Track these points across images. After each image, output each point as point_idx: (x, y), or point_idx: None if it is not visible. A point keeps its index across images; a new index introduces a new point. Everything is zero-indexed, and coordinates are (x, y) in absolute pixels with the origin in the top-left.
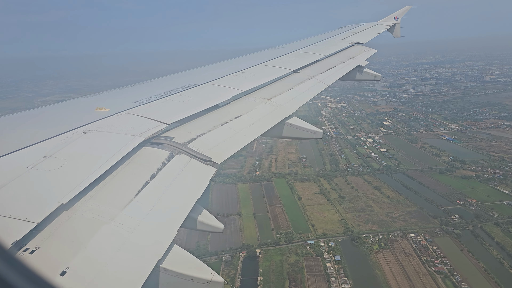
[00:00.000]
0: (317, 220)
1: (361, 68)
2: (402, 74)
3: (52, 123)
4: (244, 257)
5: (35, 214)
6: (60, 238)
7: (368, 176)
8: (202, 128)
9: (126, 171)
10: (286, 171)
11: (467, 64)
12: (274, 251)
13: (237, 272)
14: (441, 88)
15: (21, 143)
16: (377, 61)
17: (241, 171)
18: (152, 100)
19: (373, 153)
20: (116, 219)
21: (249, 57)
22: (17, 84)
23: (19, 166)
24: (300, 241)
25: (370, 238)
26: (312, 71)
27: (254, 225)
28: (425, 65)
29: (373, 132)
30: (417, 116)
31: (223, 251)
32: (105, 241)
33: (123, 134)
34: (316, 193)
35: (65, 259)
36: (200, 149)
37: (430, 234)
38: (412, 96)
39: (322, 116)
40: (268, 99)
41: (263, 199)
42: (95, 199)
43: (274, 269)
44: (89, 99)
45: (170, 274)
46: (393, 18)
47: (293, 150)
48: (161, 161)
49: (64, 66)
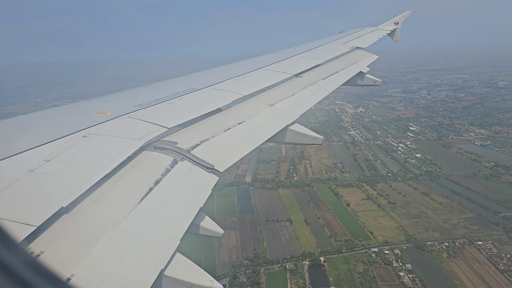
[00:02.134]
0: (373, 227)
1: (362, 74)
2: (412, 80)
3: (52, 126)
4: (309, 266)
5: (35, 217)
6: (65, 243)
7: (412, 182)
8: (205, 133)
9: (130, 176)
10: (324, 176)
11: (475, 71)
12: (338, 259)
13: (306, 281)
14: (456, 94)
15: (22, 146)
16: (381, 67)
17: (277, 176)
18: (153, 104)
19: (409, 158)
20: (120, 225)
21: (250, 62)
22: (22, 89)
23: (19, 169)
24: (362, 248)
25: (436, 246)
26: (313, 76)
27: (308, 232)
28: (432, 71)
29: (402, 138)
30: (442, 121)
31: (285, 259)
32: (110, 248)
33: (123, 138)
34: (363, 199)
35: (70, 265)
36: (203, 156)
37: (498, 242)
38: (430, 102)
39: (344, 121)
40: (271, 105)
41: (309, 205)
42: (99, 203)
43: (344, 279)
44: (89, 102)
45: (170, 281)
46: (393, 23)
47: (325, 155)
48: (164, 167)
49: (67, 72)
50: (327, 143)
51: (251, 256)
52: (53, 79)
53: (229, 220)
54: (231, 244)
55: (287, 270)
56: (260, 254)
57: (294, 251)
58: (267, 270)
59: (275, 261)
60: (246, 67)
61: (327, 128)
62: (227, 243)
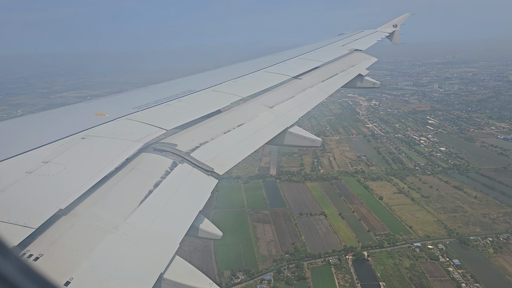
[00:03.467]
0: (411, 221)
1: (361, 76)
2: (421, 74)
3: (51, 128)
4: (353, 261)
5: (33, 219)
6: (64, 246)
7: (441, 175)
8: (204, 135)
9: (130, 178)
10: (350, 169)
11: (482, 64)
12: (381, 254)
13: (353, 276)
14: (468, 87)
15: (20, 148)
16: (386, 60)
17: (303, 169)
18: (152, 106)
19: (434, 151)
20: (120, 228)
21: (249, 64)
22: (25, 80)
23: (17, 171)
24: (404, 243)
25: (480, 240)
26: (313, 78)
27: (345, 226)
28: (439, 65)
29: (422, 131)
30: (459, 115)
31: (326, 254)
32: (109, 251)
33: (122, 140)
34: (395, 192)
35: (70, 268)
36: (202, 158)
37: None
38: (443, 95)
39: (360, 114)
40: (271, 107)
41: (341, 199)
42: (98, 205)
43: (392, 274)
44: (88, 104)
45: (169, 284)
46: (392, 26)
47: (346, 148)
48: (164, 169)
49: (68, 64)
50: (347, 136)
51: (291, 250)
52: (55, 71)
53: (261, 214)
54: (268, 237)
55: (331, 264)
56: (300, 248)
57: (334, 245)
58: (310, 265)
59: (317, 255)
60: (245, 69)
61: (343, 121)
62: (264, 236)
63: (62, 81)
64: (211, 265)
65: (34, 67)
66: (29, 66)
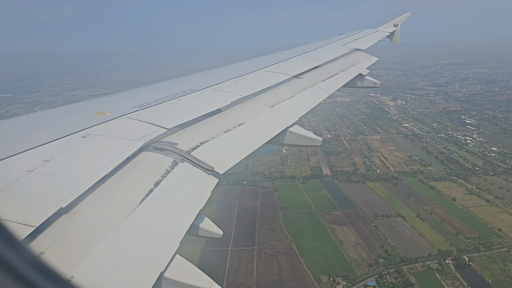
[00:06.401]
0: (497, 223)
1: (362, 76)
2: (434, 74)
3: (52, 127)
4: (455, 265)
5: (34, 218)
6: (65, 244)
7: (505, 175)
8: (205, 134)
9: (130, 177)
10: (406, 169)
11: (492, 65)
12: (480, 258)
13: (462, 283)
14: (489, 87)
15: (21, 147)
16: (393, 61)
17: (357, 169)
18: (152, 104)
19: (486, 151)
20: (120, 227)
21: (249, 63)
22: (32, 79)
23: (18, 169)
24: (500, 247)
25: None
26: (313, 77)
27: (429, 228)
28: (449, 66)
29: (462, 130)
30: (494, 115)
31: (423, 258)
32: (110, 250)
33: (123, 139)
34: (465, 193)
35: (71, 267)
36: (203, 157)
37: None
38: (468, 95)
39: (391, 114)
40: (271, 106)
41: (410, 199)
42: (99, 204)
43: (504, 280)
44: (89, 103)
45: (169, 283)
46: (392, 25)
47: (393, 148)
48: (165, 168)
49: (73, 63)
50: (388, 136)
51: (382, 254)
52: (59, 69)
53: (333, 215)
54: (351, 240)
55: (433, 270)
56: (391, 252)
57: (426, 248)
58: (410, 270)
59: (413, 259)
60: (246, 68)
61: (377, 120)
62: (347, 239)
63: (69, 80)
64: (304, 270)
65: (38, 66)
66: (32, 65)
